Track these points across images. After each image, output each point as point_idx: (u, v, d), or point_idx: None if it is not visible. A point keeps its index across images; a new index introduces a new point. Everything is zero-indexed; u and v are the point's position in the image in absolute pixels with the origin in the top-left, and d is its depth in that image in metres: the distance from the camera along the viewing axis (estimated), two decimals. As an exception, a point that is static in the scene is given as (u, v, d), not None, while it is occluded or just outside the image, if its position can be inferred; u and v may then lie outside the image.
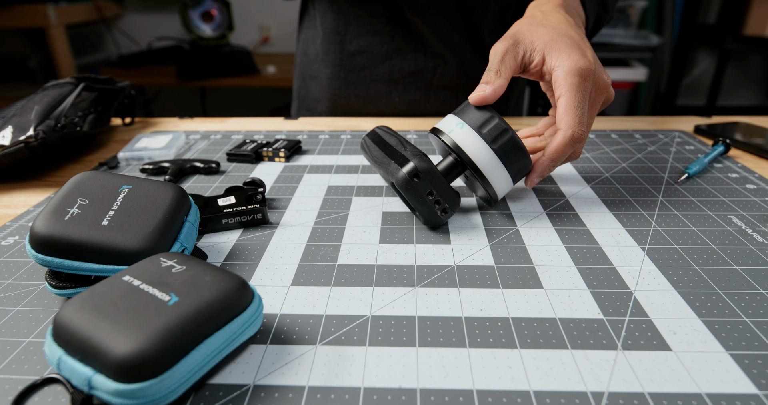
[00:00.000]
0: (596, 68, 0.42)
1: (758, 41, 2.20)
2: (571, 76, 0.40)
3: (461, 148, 0.40)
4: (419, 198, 0.39)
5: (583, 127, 0.40)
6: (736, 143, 0.59)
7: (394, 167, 0.39)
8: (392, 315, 0.31)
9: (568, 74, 0.40)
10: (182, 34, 2.36)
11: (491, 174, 0.40)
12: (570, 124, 0.40)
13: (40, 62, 2.31)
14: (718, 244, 0.39)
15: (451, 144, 0.40)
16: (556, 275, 0.35)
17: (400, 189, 0.39)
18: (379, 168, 0.42)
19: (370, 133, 0.44)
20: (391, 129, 0.44)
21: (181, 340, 0.24)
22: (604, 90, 0.43)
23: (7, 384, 0.27)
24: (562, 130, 0.40)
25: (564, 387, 0.26)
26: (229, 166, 0.56)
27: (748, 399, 0.25)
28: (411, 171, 0.38)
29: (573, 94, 0.40)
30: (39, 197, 0.50)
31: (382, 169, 0.41)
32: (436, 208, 0.39)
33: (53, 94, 0.57)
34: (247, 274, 0.36)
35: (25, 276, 0.36)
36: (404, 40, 0.69)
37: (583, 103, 0.41)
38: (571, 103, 0.40)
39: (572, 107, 0.40)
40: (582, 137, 0.40)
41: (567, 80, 0.40)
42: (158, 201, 0.34)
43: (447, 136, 0.41)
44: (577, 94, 0.40)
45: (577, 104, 0.40)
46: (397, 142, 0.41)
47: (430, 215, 0.40)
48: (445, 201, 0.39)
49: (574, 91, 0.40)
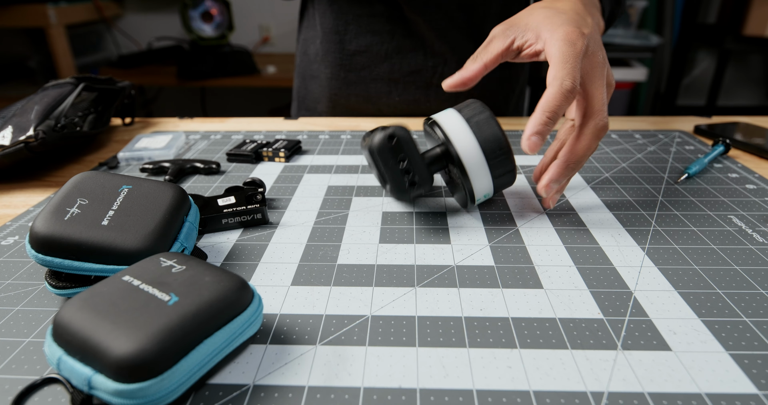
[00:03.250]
0: (591, 42, 0.40)
1: (758, 41, 2.20)
2: (560, 41, 0.39)
3: (451, 139, 0.40)
4: (389, 163, 0.39)
5: (575, 80, 0.38)
6: (736, 143, 0.59)
7: (375, 134, 0.39)
8: (392, 315, 0.31)
9: (557, 39, 0.39)
10: (182, 34, 2.36)
11: (473, 171, 0.40)
12: (558, 74, 0.38)
13: (40, 62, 2.31)
14: (718, 244, 0.39)
15: (442, 134, 0.40)
16: (556, 275, 0.35)
17: (375, 152, 0.39)
18: (365, 149, 0.42)
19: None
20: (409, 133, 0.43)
21: (181, 340, 0.24)
22: (600, 66, 0.40)
23: (7, 384, 0.27)
24: (551, 81, 0.38)
25: (564, 387, 0.26)
26: (229, 166, 0.56)
27: (748, 399, 0.25)
28: (389, 134, 0.38)
29: (561, 49, 0.38)
30: (39, 197, 0.50)
31: (365, 143, 0.41)
32: (405, 178, 0.39)
33: (53, 94, 0.57)
34: (247, 274, 0.36)
35: (25, 276, 0.36)
36: (404, 40, 0.70)
37: (574, 61, 0.38)
38: (559, 56, 0.38)
39: (560, 61, 0.38)
40: (574, 87, 0.38)
41: (555, 44, 0.39)
42: (158, 201, 0.34)
43: (440, 127, 0.41)
44: (566, 49, 0.38)
45: (565, 58, 0.38)
46: None
47: (397, 184, 0.39)
48: (415, 173, 0.39)
49: (562, 47, 0.38)
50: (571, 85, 0.38)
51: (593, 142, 0.39)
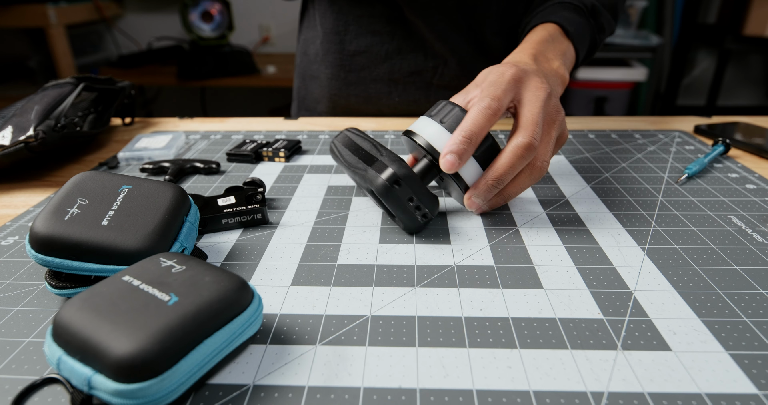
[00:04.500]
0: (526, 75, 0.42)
1: (758, 41, 2.20)
2: (490, 74, 0.42)
3: (434, 148, 0.40)
4: (400, 205, 0.38)
5: (495, 98, 0.39)
6: (736, 143, 0.59)
7: (372, 174, 0.38)
8: (392, 315, 0.31)
9: (488, 74, 0.42)
10: (182, 34, 2.36)
11: (464, 170, 0.40)
12: (480, 95, 0.40)
13: (40, 62, 2.31)
14: (718, 244, 0.39)
15: (424, 145, 0.40)
16: (556, 275, 0.35)
17: (379, 196, 0.38)
18: (353, 173, 0.41)
19: (340, 136, 0.43)
20: (361, 131, 0.43)
21: (181, 340, 0.24)
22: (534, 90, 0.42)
23: (7, 384, 0.27)
24: (473, 104, 0.40)
25: (564, 387, 0.26)
26: (229, 166, 0.56)
27: (748, 399, 0.25)
28: (391, 177, 0.37)
29: (489, 79, 0.41)
30: (39, 197, 0.50)
31: (357, 175, 0.40)
32: (417, 214, 0.39)
33: (53, 94, 0.57)
34: (247, 274, 0.36)
35: (25, 276, 0.36)
36: (404, 40, 0.69)
37: (500, 85, 0.41)
38: (487, 84, 0.41)
39: (486, 87, 0.41)
40: (491, 106, 0.39)
41: (486, 78, 0.42)
42: (158, 201, 0.34)
43: (420, 137, 0.41)
44: (494, 78, 0.41)
45: (490, 83, 0.41)
46: (371, 146, 0.41)
47: (410, 221, 0.39)
48: (425, 206, 0.39)
49: (490, 77, 0.41)
50: (489, 103, 0.39)
51: (514, 160, 0.39)
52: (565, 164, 0.55)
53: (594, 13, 0.57)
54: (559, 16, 0.53)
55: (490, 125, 0.39)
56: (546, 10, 0.56)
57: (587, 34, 0.56)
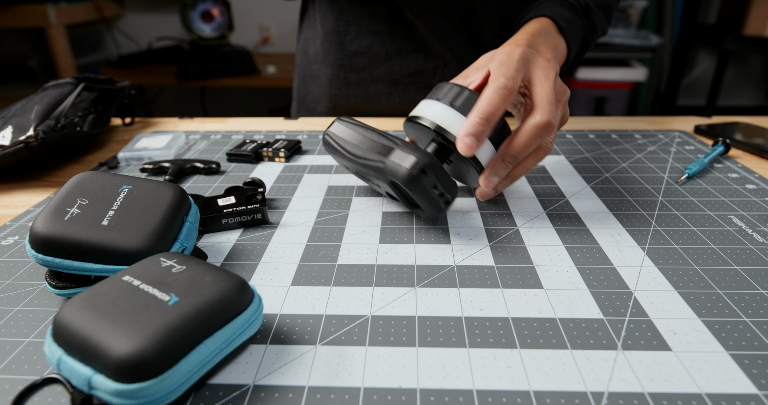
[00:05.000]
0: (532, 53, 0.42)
1: (758, 41, 2.20)
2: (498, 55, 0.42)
3: (447, 130, 0.39)
4: (425, 193, 0.37)
5: (509, 78, 0.39)
6: (736, 143, 0.59)
7: (392, 164, 0.37)
8: (392, 315, 0.31)
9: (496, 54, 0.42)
10: (182, 34, 2.36)
11: (480, 153, 0.39)
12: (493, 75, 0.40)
13: (40, 62, 2.31)
14: (718, 244, 0.39)
15: (434, 128, 0.39)
16: (556, 275, 0.35)
17: (405, 186, 0.37)
18: (356, 165, 0.40)
19: (334, 126, 0.42)
20: (356, 119, 0.42)
21: (181, 340, 0.24)
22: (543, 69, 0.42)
23: (7, 384, 0.27)
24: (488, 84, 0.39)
25: (564, 387, 0.26)
26: (229, 166, 0.56)
27: (748, 399, 0.25)
28: (415, 166, 0.36)
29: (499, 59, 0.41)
30: (39, 197, 0.50)
31: (365, 167, 0.39)
32: (441, 201, 0.38)
33: (53, 94, 0.57)
34: (247, 274, 0.36)
35: (25, 276, 0.36)
36: (404, 41, 0.69)
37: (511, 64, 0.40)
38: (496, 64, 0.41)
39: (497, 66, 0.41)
40: (507, 85, 0.39)
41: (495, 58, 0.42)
42: (158, 201, 0.34)
43: (427, 120, 0.40)
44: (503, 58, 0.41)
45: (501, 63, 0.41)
46: (378, 135, 0.39)
47: (433, 209, 0.38)
48: (447, 192, 0.38)
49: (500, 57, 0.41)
50: (504, 83, 0.38)
51: (531, 139, 0.39)
52: (565, 164, 0.55)
53: (587, 11, 0.57)
54: (552, 12, 0.53)
55: (506, 105, 0.39)
56: (540, 6, 0.56)
57: (580, 31, 0.56)
